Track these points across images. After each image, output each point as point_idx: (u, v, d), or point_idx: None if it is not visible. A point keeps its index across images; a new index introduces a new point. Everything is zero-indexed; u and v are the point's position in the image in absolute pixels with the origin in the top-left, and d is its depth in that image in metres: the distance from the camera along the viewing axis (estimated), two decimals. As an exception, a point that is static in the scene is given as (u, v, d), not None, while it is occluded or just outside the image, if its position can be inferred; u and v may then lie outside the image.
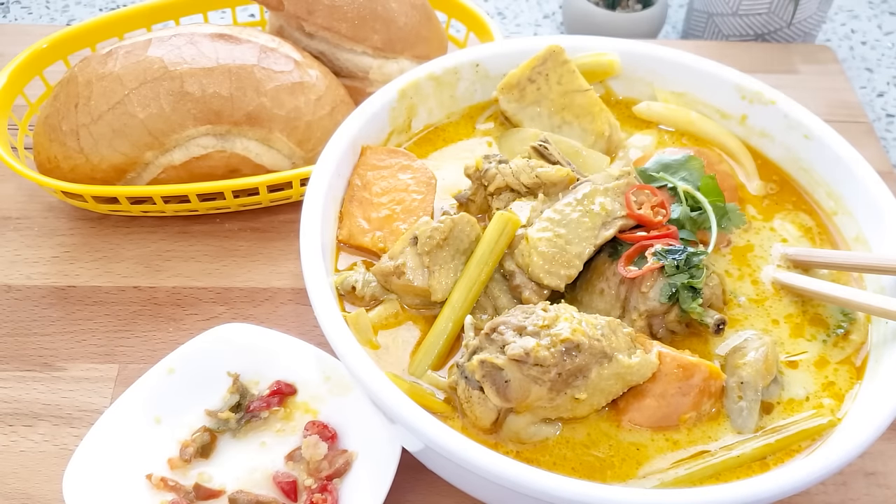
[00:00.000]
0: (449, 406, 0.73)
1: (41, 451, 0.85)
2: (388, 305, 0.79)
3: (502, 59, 0.98)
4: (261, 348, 0.86)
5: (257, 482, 0.79)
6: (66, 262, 1.02)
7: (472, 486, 0.72)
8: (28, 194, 1.10)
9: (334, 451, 0.80)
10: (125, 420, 0.81)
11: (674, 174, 0.84)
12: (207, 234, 1.06)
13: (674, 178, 0.84)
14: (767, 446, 0.71)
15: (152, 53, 0.99)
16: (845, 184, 0.87)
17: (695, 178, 0.84)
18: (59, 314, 0.97)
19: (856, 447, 0.66)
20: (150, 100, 0.97)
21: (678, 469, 0.70)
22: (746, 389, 0.73)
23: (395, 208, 0.85)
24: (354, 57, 1.12)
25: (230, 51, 1.01)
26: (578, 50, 0.98)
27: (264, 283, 1.01)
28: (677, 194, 0.83)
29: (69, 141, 0.98)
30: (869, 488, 0.85)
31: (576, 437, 0.72)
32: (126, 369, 0.92)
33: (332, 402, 0.84)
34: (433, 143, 0.96)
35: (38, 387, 0.90)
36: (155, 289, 1.00)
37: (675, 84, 0.99)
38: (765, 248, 0.86)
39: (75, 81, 1.00)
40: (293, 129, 1.02)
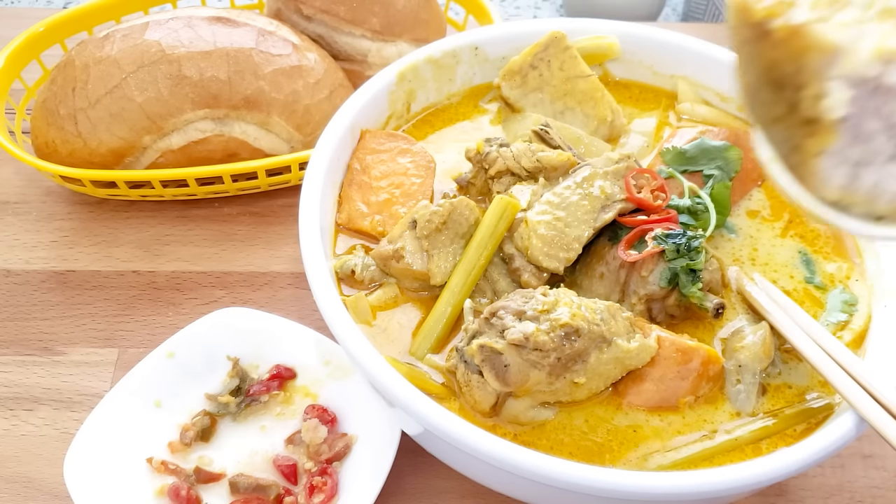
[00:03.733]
0: (447, 389, 0.73)
1: (42, 434, 0.86)
2: (388, 289, 0.79)
3: (501, 42, 0.97)
4: (260, 332, 0.86)
5: (257, 465, 0.80)
6: (65, 247, 1.02)
7: (471, 469, 0.72)
8: (26, 179, 1.10)
9: (334, 435, 0.81)
10: (125, 404, 0.81)
11: (711, 160, 0.84)
12: (206, 218, 1.06)
13: (710, 165, 0.83)
14: (765, 429, 0.72)
15: (150, 37, 0.98)
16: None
17: (729, 168, 0.84)
18: (59, 299, 0.97)
19: (853, 429, 0.66)
20: (148, 84, 0.97)
21: (676, 452, 0.70)
22: (745, 373, 0.74)
23: (394, 192, 0.85)
24: (353, 40, 1.12)
25: (228, 34, 1.00)
26: (578, 33, 0.97)
27: (263, 267, 1.01)
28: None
29: (67, 125, 0.98)
30: (866, 470, 0.85)
31: (574, 420, 0.72)
32: (126, 353, 0.92)
33: (332, 386, 0.84)
34: (432, 125, 0.95)
35: (39, 371, 0.90)
36: (154, 273, 1.00)
37: (675, 67, 0.98)
38: (763, 241, 0.85)
39: (72, 65, 0.99)
40: (291, 113, 1.02)
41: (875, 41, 0.46)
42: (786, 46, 0.48)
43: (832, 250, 0.85)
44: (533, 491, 0.70)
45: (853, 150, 0.50)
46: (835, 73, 0.47)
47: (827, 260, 0.84)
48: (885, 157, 0.50)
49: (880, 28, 0.47)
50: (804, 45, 0.47)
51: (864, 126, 0.49)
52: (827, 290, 0.81)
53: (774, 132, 0.53)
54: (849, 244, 0.85)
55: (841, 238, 0.86)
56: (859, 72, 0.47)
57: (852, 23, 0.47)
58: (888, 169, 0.50)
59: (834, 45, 0.46)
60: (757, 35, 0.49)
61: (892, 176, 0.50)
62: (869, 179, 0.51)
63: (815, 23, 0.47)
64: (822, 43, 0.46)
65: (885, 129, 0.49)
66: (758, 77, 0.51)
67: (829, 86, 0.47)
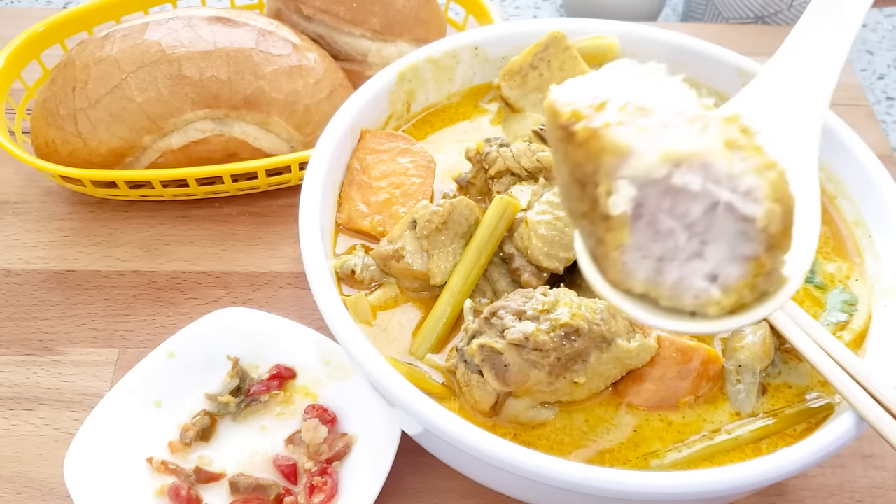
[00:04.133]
0: (448, 389, 0.73)
1: (42, 434, 0.86)
2: (388, 289, 0.79)
3: (501, 42, 0.97)
4: (260, 332, 0.86)
5: (257, 465, 0.80)
6: (65, 247, 1.02)
7: (471, 469, 0.72)
8: (26, 179, 1.10)
9: (334, 435, 0.81)
10: (125, 404, 0.81)
11: None
12: (206, 218, 1.06)
13: None
14: (765, 428, 0.72)
15: (150, 37, 0.99)
16: (845, 167, 0.87)
17: None
18: (59, 298, 0.97)
19: (853, 429, 0.66)
20: (148, 84, 0.97)
21: (676, 452, 0.70)
22: (745, 372, 0.74)
23: (394, 192, 0.85)
24: (353, 40, 1.12)
25: (228, 34, 1.00)
26: (578, 33, 0.97)
27: (263, 267, 1.01)
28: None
29: (67, 125, 0.98)
30: (866, 470, 0.85)
31: (574, 420, 0.72)
32: (126, 353, 0.92)
33: (332, 386, 0.84)
34: (432, 125, 0.95)
35: (39, 371, 0.90)
36: (154, 273, 1.00)
37: (675, 67, 0.98)
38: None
39: (73, 65, 0.99)
40: (291, 113, 1.02)
41: (664, 145, 0.49)
42: (586, 147, 0.51)
43: (832, 250, 0.85)
44: (533, 491, 0.70)
45: (655, 246, 0.52)
46: (624, 173, 0.50)
47: (827, 260, 0.84)
48: (686, 255, 0.52)
49: (680, 132, 0.50)
50: (601, 146, 0.50)
51: (661, 224, 0.51)
52: (827, 290, 0.81)
53: (583, 226, 0.56)
54: (849, 244, 0.85)
55: (841, 238, 0.86)
56: (646, 173, 0.49)
57: (654, 127, 0.50)
58: (691, 266, 0.52)
59: (625, 147, 0.49)
60: (564, 136, 0.52)
61: (694, 273, 0.52)
62: (673, 275, 0.53)
63: (613, 126, 0.50)
64: (614, 145, 0.49)
65: (683, 229, 0.51)
66: (567, 175, 0.54)
67: (616, 184, 0.50)
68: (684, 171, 0.49)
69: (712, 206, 0.50)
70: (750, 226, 0.49)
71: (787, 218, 0.50)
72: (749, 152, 0.49)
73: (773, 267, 0.52)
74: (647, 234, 0.52)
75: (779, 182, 0.49)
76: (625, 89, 0.53)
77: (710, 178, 0.49)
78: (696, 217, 0.51)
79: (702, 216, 0.50)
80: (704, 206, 0.50)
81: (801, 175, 0.67)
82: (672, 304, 0.54)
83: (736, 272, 0.52)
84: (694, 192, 0.49)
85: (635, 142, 0.49)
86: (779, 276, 0.54)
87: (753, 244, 0.50)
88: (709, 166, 0.49)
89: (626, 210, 0.50)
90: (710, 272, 0.52)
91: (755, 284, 0.52)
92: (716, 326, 0.54)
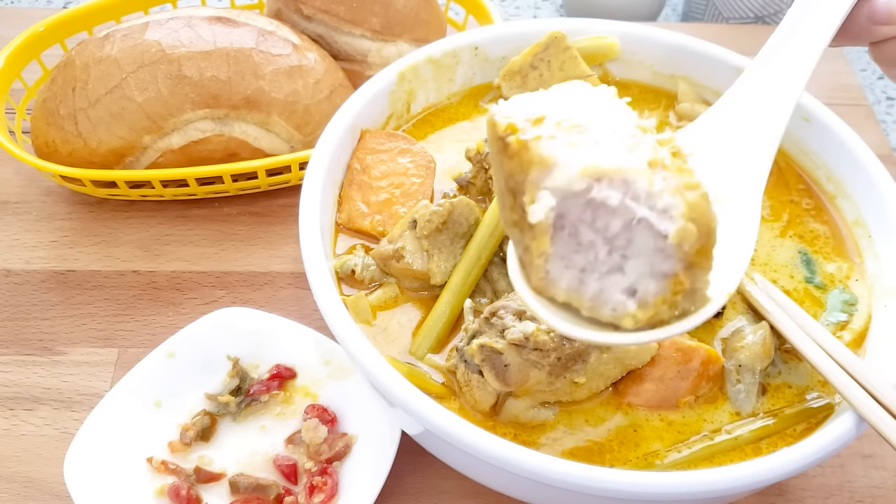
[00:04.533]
0: (448, 389, 0.73)
1: (42, 434, 0.86)
2: (388, 289, 0.79)
3: (501, 42, 0.97)
4: (260, 332, 0.86)
5: (257, 465, 0.80)
6: (65, 247, 1.02)
7: (472, 469, 0.72)
8: (26, 178, 1.10)
9: (334, 435, 0.81)
10: (125, 404, 0.81)
11: None
12: (206, 218, 1.06)
13: None
14: (765, 428, 0.72)
15: (150, 37, 0.99)
16: (845, 167, 0.87)
17: None
18: (59, 298, 0.97)
19: (853, 429, 0.66)
20: (148, 83, 0.97)
21: (676, 452, 0.70)
22: (745, 372, 0.74)
23: (394, 192, 0.85)
24: (353, 40, 1.12)
25: (228, 34, 1.00)
26: (578, 33, 0.97)
27: (264, 267, 1.01)
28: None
29: (67, 125, 0.98)
30: (866, 470, 0.85)
31: (574, 420, 0.72)
32: (126, 353, 0.92)
33: (332, 386, 0.84)
34: (433, 125, 0.95)
35: (39, 371, 0.90)
36: (154, 273, 1.00)
37: (675, 67, 0.98)
38: (763, 241, 0.85)
39: (73, 65, 0.99)
40: (292, 113, 1.02)
41: (586, 159, 0.51)
42: (518, 158, 0.53)
43: (832, 250, 0.85)
44: (533, 491, 0.70)
45: (578, 257, 0.54)
46: (546, 184, 0.52)
47: (827, 260, 0.84)
48: (607, 268, 0.54)
49: (607, 149, 0.52)
50: (529, 158, 0.52)
51: (583, 236, 0.53)
52: (827, 290, 0.81)
53: (514, 234, 0.58)
54: (849, 244, 0.85)
55: (841, 238, 0.86)
56: (566, 185, 0.51)
57: (584, 143, 0.52)
58: (611, 279, 0.54)
59: (550, 159, 0.52)
60: (500, 147, 0.55)
61: (613, 286, 0.54)
62: (593, 287, 0.55)
63: (544, 139, 0.53)
64: (541, 157, 0.52)
65: (604, 242, 0.53)
66: (502, 184, 0.56)
67: (538, 194, 0.52)
68: (604, 186, 0.51)
69: (631, 222, 0.51)
70: (666, 243, 0.51)
71: (706, 238, 0.51)
72: (672, 172, 0.51)
73: (692, 286, 0.53)
74: (569, 245, 0.54)
75: (698, 203, 0.50)
76: (566, 107, 0.55)
77: (630, 195, 0.51)
78: (616, 232, 0.52)
79: (621, 231, 0.52)
80: (623, 222, 0.52)
81: (741, 201, 0.69)
82: (592, 314, 0.56)
83: (654, 288, 0.53)
84: (613, 206, 0.51)
85: (560, 155, 0.52)
86: (701, 295, 0.55)
87: (671, 262, 0.52)
88: (629, 183, 0.51)
89: (543, 219, 0.52)
90: (629, 286, 0.54)
91: (674, 301, 0.54)
92: (627, 339, 0.56)
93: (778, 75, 0.77)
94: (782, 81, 0.76)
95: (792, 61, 0.77)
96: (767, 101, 0.76)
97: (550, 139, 0.52)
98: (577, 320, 0.57)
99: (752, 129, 0.74)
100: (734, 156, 0.73)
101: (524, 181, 0.53)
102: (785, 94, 0.76)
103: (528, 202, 0.53)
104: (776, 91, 0.76)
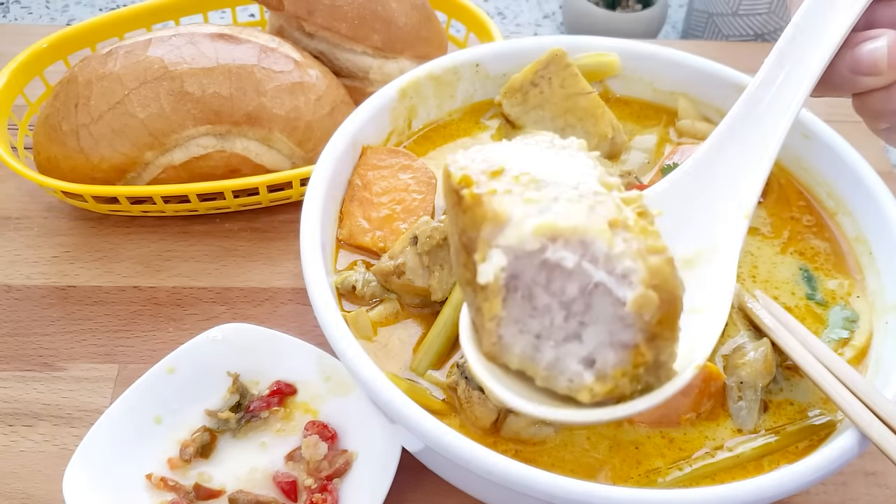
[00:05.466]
0: (448, 406, 0.73)
1: (41, 451, 0.85)
2: (389, 305, 0.79)
3: (502, 59, 0.98)
4: (261, 348, 0.86)
5: (257, 482, 0.79)
6: (66, 262, 1.02)
7: (474, 487, 0.72)
8: (28, 194, 1.10)
9: (334, 451, 0.80)
10: (125, 420, 0.81)
11: None
12: (207, 234, 1.06)
13: None
14: (767, 446, 0.71)
15: (152, 53, 0.99)
16: (846, 184, 0.87)
17: None
18: (59, 314, 0.97)
19: (855, 447, 0.66)
20: (151, 100, 0.97)
21: (678, 469, 0.70)
22: (746, 389, 0.73)
23: (395, 208, 0.85)
24: (354, 57, 1.12)
25: (230, 51, 1.01)
26: (579, 50, 0.98)
27: (264, 282, 1.01)
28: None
29: (69, 141, 0.98)
30: (869, 488, 0.85)
31: (575, 437, 0.72)
32: (126, 369, 0.92)
33: (332, 402, 0.84)
34: (434, 142, 0.96)
35: (38, 387, 0.90)
36: (155, 289, 1.00)
37: (675, 84, 0.99)
38: (764, 258, 0.85)
39: (75, 81, 1.00)
40: (293, 129, 1.02)
41: (542, 218, 0.47)
42: (471, 213, 0.50)
43: (833, 267, 0.85)
44: (534, 508, 0.69)
45: (532, 322, 0.50)
46: (498, 242, 0.48)
47: (828, 277, 0.84)
48: (564, 335, 0.50)
49: (565, 207, 0.48)
50: (483, 213, 0.49)
51: (538, 300, 0.49)
52: (828, 307, 0.81)
53: (467, 294, 0.55)
54: (850, 261, 0.85)
55: (842, 255, 0.86)
56: (518, 243, 0.48)
57: (542, 199, 0.49)
58: (567, 347, 0.50)
59: (503, 216, 0.48)
60: (455, 200, 0.51)
61: (570, 355, 0.50)
62: (549, 355, 0.51)
63: (499, 194, 0.49)
64: (494, 213, 0.48)
65: (560, 307, 0.49)
66: (456, 240, 0.53)
67: (490, 253, 0.49)
68: (559, 247, 0.48)
69: (588, 286, 0.48)
70: (626, 311, 0.47)
71: (669, 307, 0.47)
72: (635, 234, 0.48)
73: (655, 358, 0.50)
74: (523, 309, 0.50)
75: (661, 268, 0.47)
76: (527, 160, 0.52)
77: (587, 257, 0.47)
78: (573, 296, 0.49)
79: (579, 296, 0.49)
80: (580, 286, 0.48)
81: (715, 264, 0.65)
82: (546, 384, 0.52)
83: (613, 359, 0.49)
84: (569, 269, 0.48)
85: (514, 212, 0.48)
86: (667, 369, 0.51)
87: (631, 331, 0.48)
88: (587, 245, 0.47)
89: (492, 279, 0.49)
90: (587, 356, 0.50)
91: (636, 375, 0.50)
92: (581, 417, 0.52)
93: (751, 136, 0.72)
94: (756, 143, 0.72)
95: (765, 120, 0.72)
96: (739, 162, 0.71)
97: (506, 194, 0.49)
98: (531, 392, 0.53)
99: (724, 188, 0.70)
100: (708, 215, 0.69)
101: (476, 238, 0.50)
102: (758, 155, 0.71)
103: (479, 260, 0.49)
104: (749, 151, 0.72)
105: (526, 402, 0.53)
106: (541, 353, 0.52)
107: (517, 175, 0.50)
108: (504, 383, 0.54)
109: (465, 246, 0.52)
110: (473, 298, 0.54)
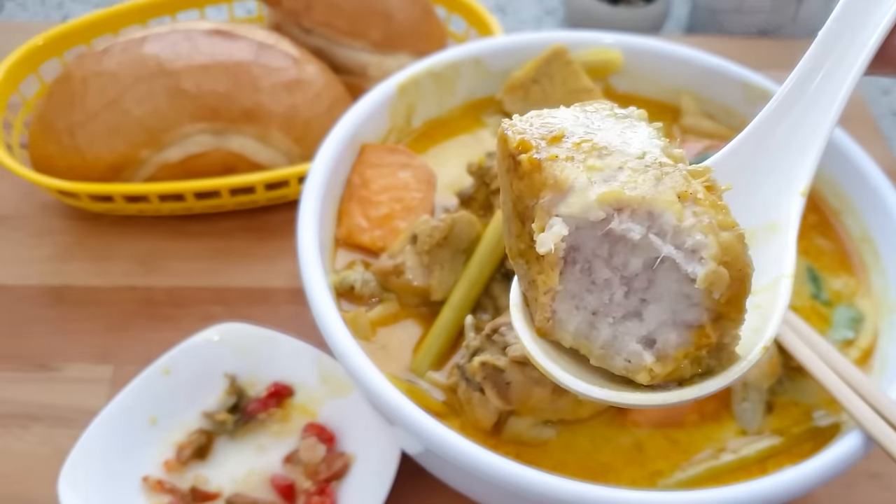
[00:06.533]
0: (448, 407, 0.72)
1: (36, 452, 0.84)
2: (388, 305, 0.79)
3: (503, 54, 0.97)
4: (258, 349, 0.85)
5: (254, 485, 0.79)
6: (61, 262, 1.01)
7: (475, 490, 0.71)
8: (23, 193, 1.09)
9: (332, 454, 0.80)
10: (121, 421, 0.80)
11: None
12: (204, 233, 1.05)
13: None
14: (771, 447, 0.71)
15: (148, 50, 0.98)
16: (851, 183, 0.86)
17: None
18: (55, 314, 0.96)
19: (860, 448, 0.65)
20: (146, 97, 0.96)
21: (682, 471, 0.69)
22: (751, 390, 0.73)
23: (394, 206, 0.84)
24: (353, 53, 1.11)
25: (227, 47, 1.00)
26: (581, 45, 0.97)
27: (262, 282, 1.00)
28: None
29: (65, 139, 0.98)
30: (873, 490, 0.84)
31: (577, 439, 0.71)
32: (121, 370, 0.91)
33: (331, 404, 0.83)
34: (433, 139, 0.95)
35: (33, 388, 0.89)
36: (151, 288, 0.99)
37: (678, 80, 0.98)
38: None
39: (71, 79, 0.99)
40: (291, 127, 1.01)
41: (607, 186, 0.45)
42: (529, 179, 0.47)
43: (839, 266, 0.84)
44: (535, 511, 0.69)
45: (590, 297, 0.48)
46: (560, 211, 0.46)
47: (833, 276, 0.83)
48: (623, 312, 0.48)
49: (631, 177, 0.46)
50: (542, 179, 0.46)
51: (597, 273, 0.47)
52: (833, 307, 0.80)
53: (519, 266, 0.52)
54: (855, 261, 0.84)
55: (847, 254, 0.85)
56: (582, 213, 0.45)
57: (606, 168, 0.46)
58: (627, 325, 0.48)
59: (566, 183, 0.46)
60: (510, 166, 0.49)
61: (628, 334, 0.48)
62: (606, 333, 0.48)
63: (560, 160, 0.47)
64: (555, 179, 0.46)
65: (620, 282, 0.47)
66: (510, 208, 0.51)
67: (549, 221, 0.46)
68: (625, 218, 0.45)
69: (654, 261, 0.46)
70: (693, 288, 0.45)
71: (738, 286, 0.45)
72: (705, 208, 0.45)
73: (720, 340, 0.48)
74: (581, 283, 0.48)
75: (733, 245, 0.45)
76: (587, 127, 0.50)
77: (655, 230, 0.45)
78: (636, 271, 0.46)
79: (642, 271, 0.46)
80: (645, 260, 0.46)
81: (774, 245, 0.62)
82: (601, 363, 0.50)
83: (675, 339, 0.47)
84: (634, 241, 0.45)
85: (578, 179, 0.46)
86: (729, 352, 0.49)
87: (697, 310, 0.46)
88: (655, 216, 0.45)
89: (552, 250, 0.46)
90: (647, 335, 0.48)
91: (698, 357, 0.48)
92: (637, 400, 0.49)
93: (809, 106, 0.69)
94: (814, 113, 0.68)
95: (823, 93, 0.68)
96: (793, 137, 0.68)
97: (567, 160, 0.46)
98: (583, 371, 0.51)
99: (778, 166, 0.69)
100: (762, 193, 0.66)
101: (534, 206, 0.47)
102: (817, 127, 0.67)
103: (536, 230, 0.47)
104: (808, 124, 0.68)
105: (582, 382, 0.50)
106: (597, 331, 0.49)
107: (578, 141, 0.48)
108: (557, 362, 0.51)
109: (519, 214, 0.50)
110: (527, 271, 0.51)
